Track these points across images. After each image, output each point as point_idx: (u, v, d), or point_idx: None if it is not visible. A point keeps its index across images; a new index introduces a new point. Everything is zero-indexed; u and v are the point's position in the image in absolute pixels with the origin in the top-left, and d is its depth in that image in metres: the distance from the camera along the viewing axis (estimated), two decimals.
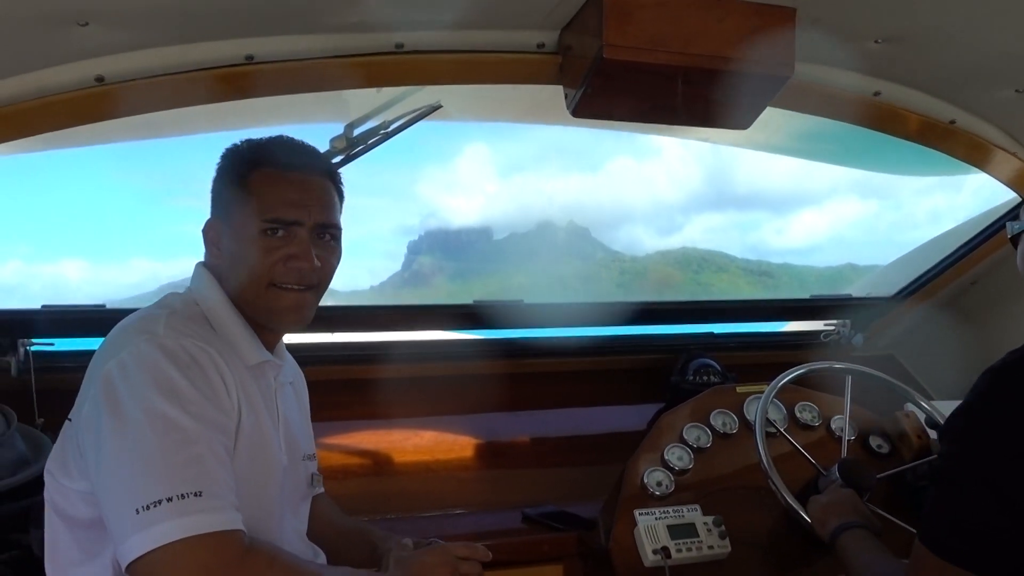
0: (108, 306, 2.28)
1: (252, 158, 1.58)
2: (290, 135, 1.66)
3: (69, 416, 1.50)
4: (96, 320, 2.19)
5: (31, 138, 1.85)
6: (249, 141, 1.63)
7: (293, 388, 1.82)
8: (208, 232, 1.61)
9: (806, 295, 3.17)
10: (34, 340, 2.30)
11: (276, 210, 1.54)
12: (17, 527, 1.79)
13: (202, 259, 1.65)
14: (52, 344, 2.33)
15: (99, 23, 1.56)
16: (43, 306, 2.29)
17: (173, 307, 1.54)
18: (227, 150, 1.64)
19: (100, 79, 1.72)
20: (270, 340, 1.67)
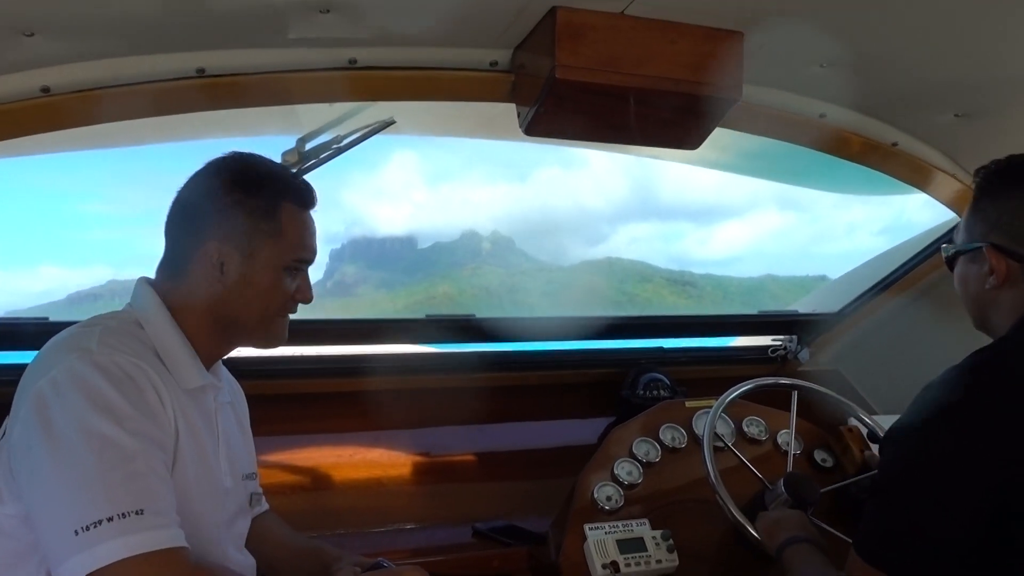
0: (51, 319, 2.23)
1: (277, 190, 1.59)
2: (243, 148, 1.66)
3: None
4: (38, 333, 2.12)
5: None
6: (253, 166, 1.63)
7: (232, 407, 1.80)
8: (210, 253, 1.55)
9: (753, 311, 3.23)
10: None
11: (302, 251, 1.62)
12: None
13: (147, 275, 1.63)
14: None
15: (46, 33, 1.53)
16: None
17: (107, 324, 1.51)
18: (228, 171, 1.60)
19: (46, 90, 1.69)
20: (211, 359, 1.65)
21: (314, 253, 1.65)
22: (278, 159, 2.02)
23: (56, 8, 1.47)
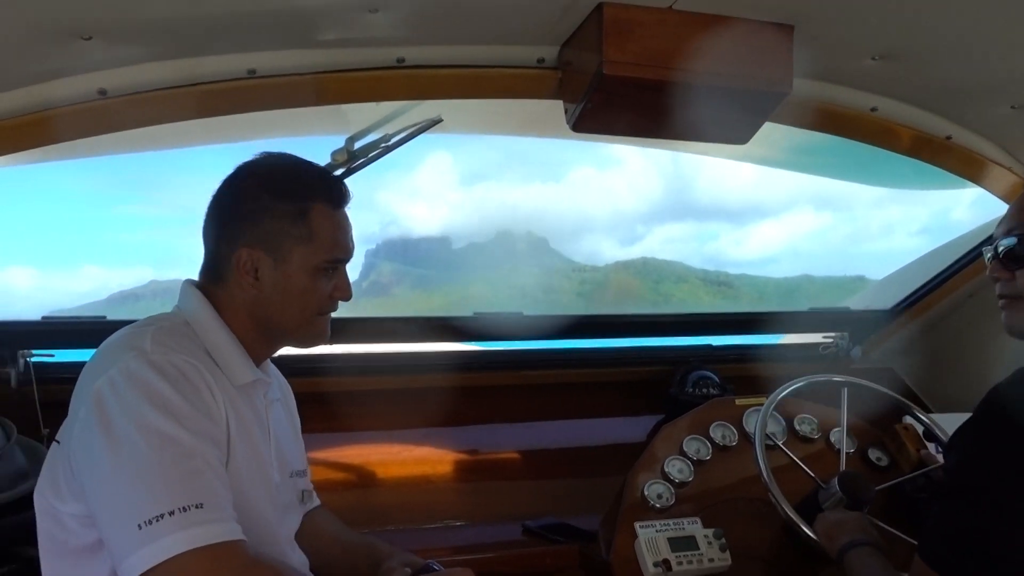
0: (109, 317, 2.28)
1: (305, 193, 1.58)
2: (292, 149, 1.68)
3: (57, 438, 1.49)
4: (96, 331, 2.19)
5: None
6: (282, 168, 1.62)
7: (283, 404, 1.82)
8: (242, 260, 1.56)
9: (803, 308, 3.18)
10: (34, 351, 2.31)
11: (335, 251, 1.60)
12: (18, 540, 1.78)
13: (193, 277, 1.65)
14: (52, 355, 2.34)
15: (102, 37, 1.56)
16: (43, 317, 2.30)
17: (160, 324, 1.54)
18: (256, 175, 1.61)
19: (103, 92, 1.73)
20: (260, 358, 1.67)
21: (349, 251, 1.64)
22: (327, 159, 2.04)
23: (112, 12, 1.50)
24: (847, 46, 1.93)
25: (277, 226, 1.56)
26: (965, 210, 3.08)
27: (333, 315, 1.71)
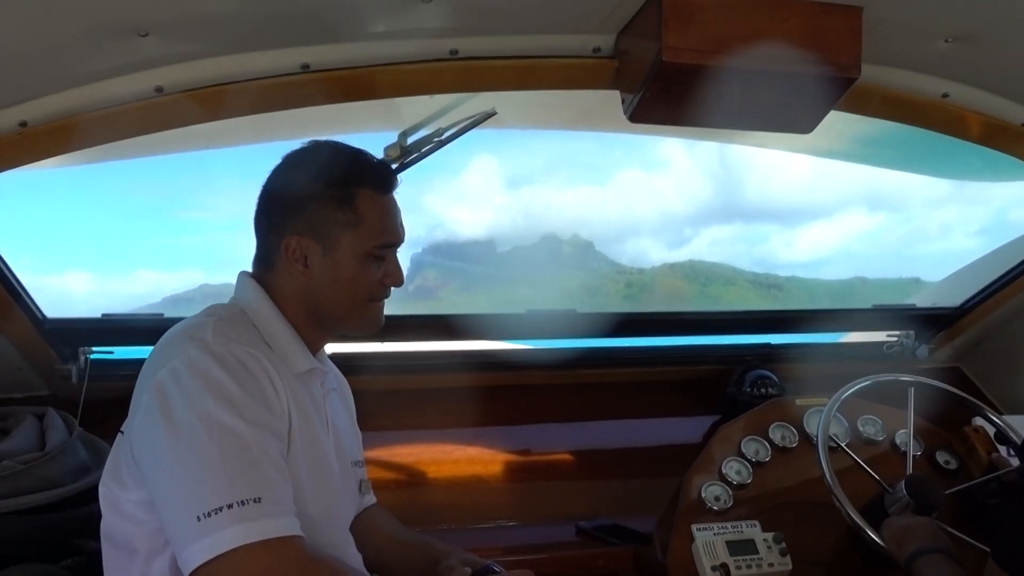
0: (166, 315, 2.30)
1: (350, 179, 1.58)
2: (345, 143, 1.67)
3: (121, 428, 1.50)
4: (155, 329, 2.19)
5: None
6: (328, 155, 1.62)
7: (339, 394, 1.83)
8: (291, 248, 1.58)
9: (867, 305, 3.09)
10: (95, 348, 2.34)
11: (384, 236, 1.60)
12: (81, 533, 1.81)
13: (247, 269, 1.66)
14: (112, 352, 2.37)
15: (159, 34, 1.57)
16: (103, 315, 2.33)
17: (220, 315, 1.55)
18: (303, 164, 1.62)
19: (159, 89, 1.73)
20: (316, 347, 1.68)
21: (399, 235, 1.64)
22: (380, 154, 2.02)
23: (168, 8, 1.50)
24: (918, 28, 1.85)
25: (324, 213, 1.57)
26: None
27: (385, 313, 1.70)
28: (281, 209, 1.60)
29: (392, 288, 1.67)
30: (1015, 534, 1.46)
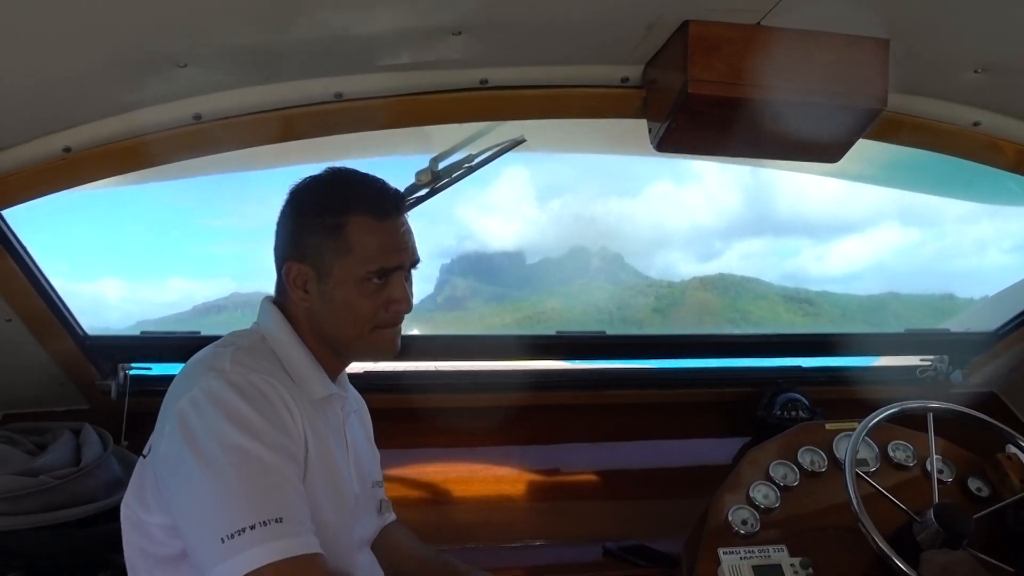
0: (203, 333, 2.36)
1: (341, 205, 1.59)
2: (377, 168, 1.70)
3: (143, 453, 1.55)
4: (191, 346, 2.26)
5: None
6: (323, 182, 1.65)
7: (358, 416, 1.86)
8: (291, 276, 1.62)
9: (900, 329, 3.06)
10: (133, 364, 2.41)
11: (378, 260, 1.59)
12: (115, 547, 1.85)
13: (271, 294, 1.71)
14: (150, 368, 2.43)
15: (197, 65, 1.62)
16: (142, 332, 2.40)
17: (239, 344, 1.59)
18: (300, 192, 1.65)
19: (197, 117, 1.78)
20: (335, 371, 1.71)
21: (396, 261, 1.61)
22: (412, 179, 2.06)
23: (206, 40, 1.55)
24: (947, 59, 1.84)
25: (316, 240, 1.59)
26: None
27: (415, 333, 1.72)
28: (281, 239, 1.65)
29: (404, 312, 1.65)
30: None
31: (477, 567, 1.91)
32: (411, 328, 1.75)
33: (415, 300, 1.68)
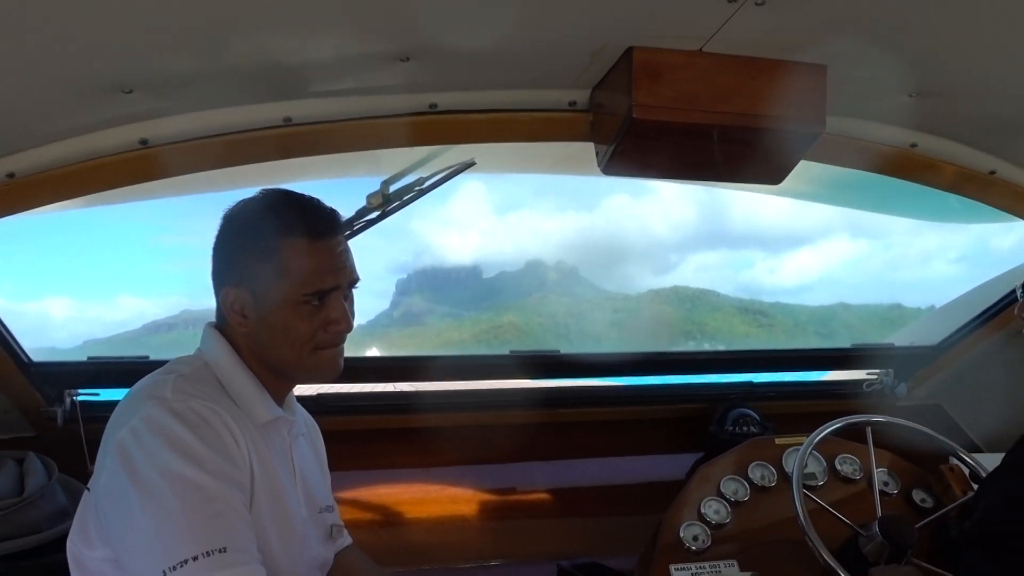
0: (151, 357, 2.33)
1: (275, 228, 1.56)
2: (328, 192, 1.70)
3: (87, 486, 1.53)
4: (140, 371, 2.23)
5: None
6: (256, 206, 1.62)
7: (308, 439, 1.84)
8: (229, 301, 1.59)
9: (848, 341, 3.13)
10: (80, 391, 2.37)
11: (315, 283, 1.55)
12: None
13: (212, 320, 1.67)
14: (97, 394, 2.39)
15: (143, 90, 1.61)
16: (89, 357, 2.36)
17: (180, 371, 1.57)
18: (234, 216, 1.62)
19: (144, 142, 1.78)
20: (281, 394, 1.69)
21: (332, 281, 1.57)
22: (363, 202, 2.07)
23: (152, 66, 1.55)
24: (883, 84, 1.90)
25: (251, 265, 1.56)
26: (1014, 244, 3.01)
27: (370, 354, 1.72)
28: (217, 264, 1.62)
29: (344, 332, 1.62)
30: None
31: None
32: (367, 348, 1.74)
33: (370, 315, 1.68)
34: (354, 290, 1.66)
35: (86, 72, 1.53)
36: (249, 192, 1.75)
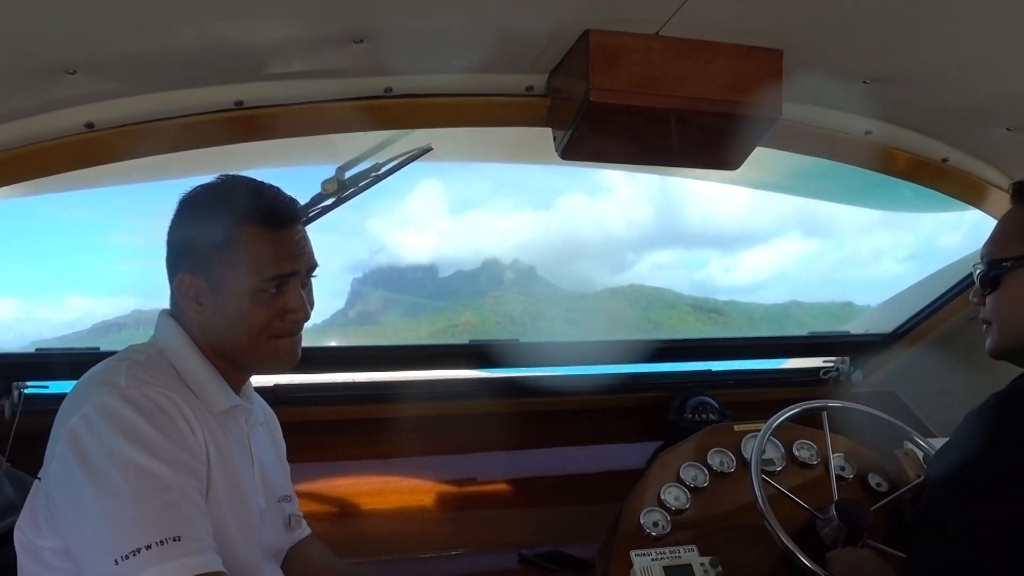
0: (102, 348, 2.28)
1: (232, 215, 1.53)
2: (281, 179, 1.66)
3: (39, 475, 1.48)
4: (89, 362, 2.18)
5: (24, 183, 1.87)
6: (212, 191, 1.59)
7: (266, 428, 1.81)
8: (184, 288, 1.56)
9: (803, 332, 3.17)
10: (28, 383, 2.31)
11: (270, 269, 1.53)
12: (10, 574, 1.77)
13: (166, 307, 1.64)
14: (47, 387, 2.33)
15: (87, 71, 1.57)
16: (37, 349, 2.30)
17: (135, 358, 1.53)
18: (191, 201, 1.59)
19: (90, 125, 1.73)
20: (238, 383, 1.66)
21: (290, 267, 1.55)
22: (318, 189, 2.04)
23: (94, 46, 1.50)
24: (838, 70, 1.92)
25: (207, 252, 1.54)
26: (965, 232, 3.06)
27: (324, 344, 1.69)
28: (172, 250, 1.59)
29: (301, 321, 1.59)
30: (917, 563, 1.50)
31: None
32: (324, 340, 1.72)
33: (325, 314, 1.65)
34: (313, 279, 1.64)
35: (25, 51, 1.48)
36: (202, 179, 1.72)
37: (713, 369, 3.08)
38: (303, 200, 1.86)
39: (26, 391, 2.31)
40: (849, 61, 1.87)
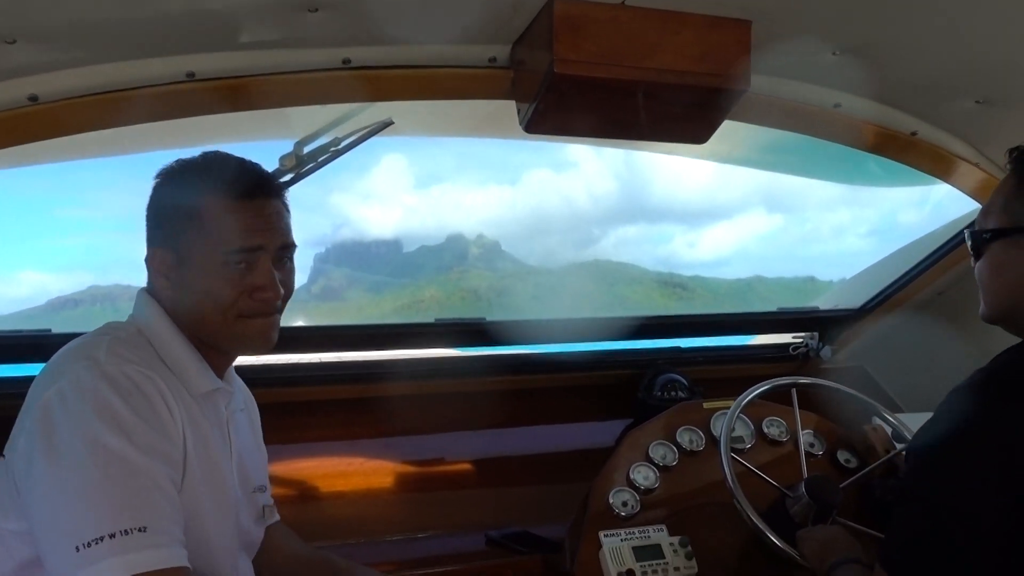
0: (54, 331, 2.21)
1: (199, 186, 1.49)
2: (237, 153, 1.61)
3: (3, 452, 1.42)
4: (40, 345, 2.12)
5: None
6: (187, 164, 1.55)
7: (246, 415, 1.77)
8: (154, 262, 1.52)
9: (772, 307, 3.16)
10: None
11: (236, 241, 1.47)
12: None
13: (144, 285, 1.58)
14: None
15: (28, 41, 1.50)
16: None
17: (116, 334, 1.48)
18: (163, 175, 1.55)
19: (34, 98, 1.65)
20: (220, 366, 1.61)
21: (256, 240, 1.49)
22: (275, 164, 1.97)
23: (35, 14, 1.43)
24: (807, 41, 1.89)
25: (175, 224, 1.50)
26: (933, 207, 3.06)
27: (287, 324, 1.64)
28: (147, 221, 1.54)
29: (271, 300, 1.53)
30: (898, 538, 1.49)
31: (358, 563, 1.85)
32: (287, 319, 1.66)
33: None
34: (293, 260, 1.60)
35: None
36: (161, 155, 1.66)
37: (682, 346, 3.06)
38: None
39: None
40: (818, 31, 1.84)
